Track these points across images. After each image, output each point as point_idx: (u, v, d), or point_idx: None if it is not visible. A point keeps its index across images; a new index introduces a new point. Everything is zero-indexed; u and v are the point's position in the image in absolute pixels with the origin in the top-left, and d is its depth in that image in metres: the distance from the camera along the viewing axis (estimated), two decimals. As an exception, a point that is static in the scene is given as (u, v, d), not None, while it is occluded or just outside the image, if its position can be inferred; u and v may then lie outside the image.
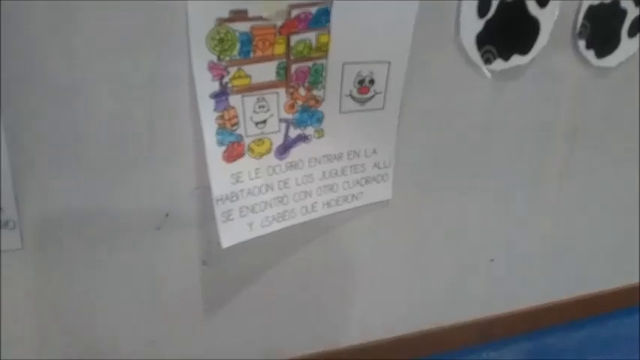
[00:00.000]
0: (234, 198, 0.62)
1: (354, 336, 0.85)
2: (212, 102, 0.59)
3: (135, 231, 0.63)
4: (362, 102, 0.68)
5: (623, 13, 0.78)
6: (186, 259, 0.67)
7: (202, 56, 0.57)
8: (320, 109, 0.66)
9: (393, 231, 0.79)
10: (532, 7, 0.71)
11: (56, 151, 0.57)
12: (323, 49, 0.63)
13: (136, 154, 0.60)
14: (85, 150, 0.58)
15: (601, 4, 0.76)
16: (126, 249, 0.64)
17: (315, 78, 0.64)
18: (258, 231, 0.65)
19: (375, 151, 0.71)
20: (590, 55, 0.78)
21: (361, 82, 0.66)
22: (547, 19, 0.72)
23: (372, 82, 0.67)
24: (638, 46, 0.81)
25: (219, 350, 0.75)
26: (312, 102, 0.65)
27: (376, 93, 0.68)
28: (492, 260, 0.89)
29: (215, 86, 0.58)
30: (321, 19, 0.61)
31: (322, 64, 0.64)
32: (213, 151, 0.60)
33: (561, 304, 0.98)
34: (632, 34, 0.80)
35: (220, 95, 0.59)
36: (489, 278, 0.90)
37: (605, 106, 0.83)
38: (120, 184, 0.61)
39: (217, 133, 0.60)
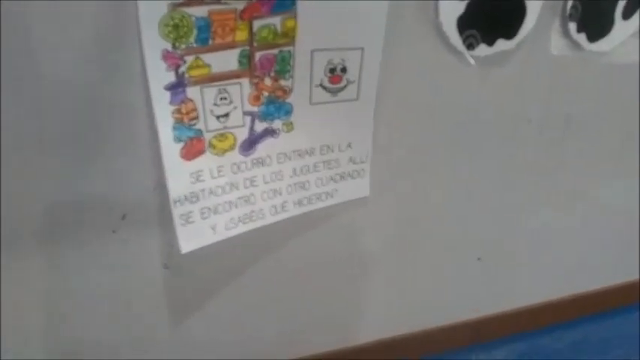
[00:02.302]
0: (195, 199, 0.58)
1: (340, 340, 0.81)
2: (167, 94, 0.54)
3: (91, 234, 0.59)
4: (334, 92, 0.63)
5: (617, -7, 0.73)
6: (147, 263, 0.63)
7: (155, 44, 0.52)
8: (288, 100, 0.61)
9: (374, 230, 0.75)
10: (518, -13, 0.66)
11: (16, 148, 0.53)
12: (290, 35, 0.58)
13: (89, 153, 0.55)
14: (40, 151, 0.53)
15: (593, -16, 0.71)
16: (84, 253, 0.59)
17: (282, 67, 0.59)
18: (223, 234, 0.60)
19: (350, 145, 0.66)
20: (581, 39, 0.73)
21: (332, 70, 0.62)
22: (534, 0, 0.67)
23: (344, 70, 0.62)
24: (635, 28, 0.76)
25: (189, 353, 0.71)
26: (280, 93, 0.60)
27: (349, 82, 0.63)
28: (479, 259, 0.84)
29: (170, 77, 0.54)
30: (285, 3, 0.56)
31: (289, 52, 0.59)
32: (170, 149, 0.55)
33: (555, 303, 0.94)
34: (627, 15, 0.75)
35: (177, 87, 0.54)
36: (478, 277, 0.85)
37: (599, 93, 0.78)
38: (75, 185, 0.56)
39: (174, 129, 0.55)
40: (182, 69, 0.54)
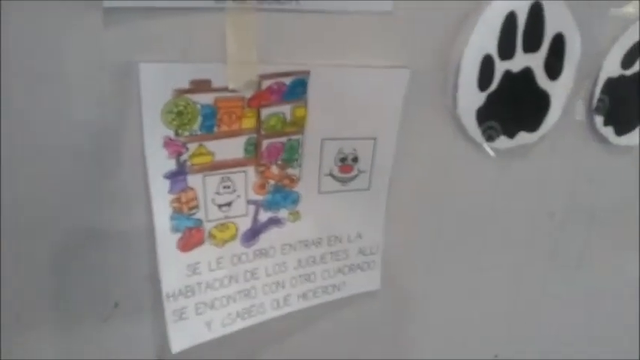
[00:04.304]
0: (190, 293, 0.55)
1: None
2: (167, 183, 0.52)
3: (79, 323, 0.56)
4: (344, 182, 0.60)
5: (647, 85, 0.70)
6: (139, 355, 0.59)
7: (157, 131, 0.50)
8: (296, 189, 0.59)
9: (382, 324, 0.70)
10: (541, 79, 0.63)
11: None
12: (299, 124, 0.56)
13: (81, 240, 0.53)
14: (27, 233, 0.51)
15: (621, 77, 0.68)
16: (71, 342, 0.56)
17: (290, 155, 0.57)
18: (219, 331, 0.57)
19: (359, 236, 0.63)
20: (608, 132, 0.70)
21: (343, 159, 0.59)
22: (559, 93, 0.65)
23: (355, 159, 0.60)
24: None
25: None
26: (287, 181, 0.58)
27: (360, 172, 0.60)
28: (496, 356, 0.79)
29: (171, 165, 0.52)
30: (296, 91, 0.54)
31: (298, 140, 0.57)
32: (166, 240, 0.53)
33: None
34: (657, 108, 0.72)
35: (177, 175, 0.52)
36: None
37: (625, 187, 0.74)
38: (64, 269, 0.54)
39: (172, 219, 0.53)
40: (184, 157, 0.52)
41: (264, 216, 0.58)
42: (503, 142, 0.65)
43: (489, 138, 0.64)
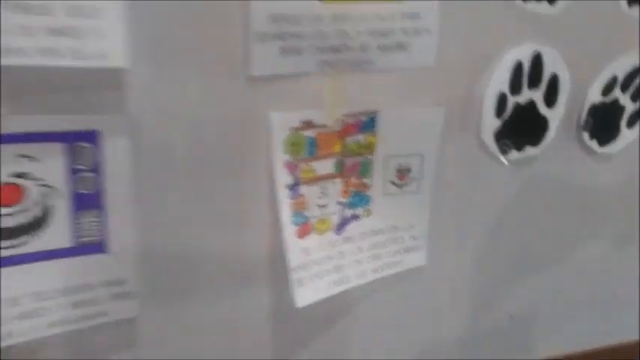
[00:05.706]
0: (305, 268, 0.78)
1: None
2: (288, 192, 0.75)
3: (218, 289, 0.78)
4: (401, 187, 0.84)
5: (622, 108, 0.93)
6: (260, 317, 0.82)
7: (280, 157, 0.73)
8: (368, 193, 0.82)
9: (421, 290, 0.93)
10: (541, 107, 0.86)
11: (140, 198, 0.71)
12: (370, 147, 0.79)
13: (224, 228, 0.75)
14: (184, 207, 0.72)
15: (602, 102, 0.91)
16: (204, 312, 0.78)
17: (365, 169, 0.80)
18: (323, 293, 0.79)
19: (412, 226, 0.86)
20: (593, 144, 0.93)
21: (400, 171, 0.83)
22: (555, 116, 0.88)
23: (408, 170, 0.83)
24: (636, 135, 0.96)
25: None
26: (362, 188, 0.81)
27: (412, 179, 0.83)
28: (512, 316, 1.02)
29: (290, 180, 0.75)
30: (369, 124, 0.78)
31: (370, 158, 0.80)
32: (289, 230, 0.76)
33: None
34: (630, 125, 0.95)
35: (294, 186, 0.75)
36: (509, 334, 1.03)
37: (607, 186, 0.98)
38: (211, 246, 0.75)
39: (292, 215, 0.76)
40: (297, 173, 0.75)
41: (347, 213, 0.81)
42: (514, 154, 0.88)
43: (504, 152, 0.87)
